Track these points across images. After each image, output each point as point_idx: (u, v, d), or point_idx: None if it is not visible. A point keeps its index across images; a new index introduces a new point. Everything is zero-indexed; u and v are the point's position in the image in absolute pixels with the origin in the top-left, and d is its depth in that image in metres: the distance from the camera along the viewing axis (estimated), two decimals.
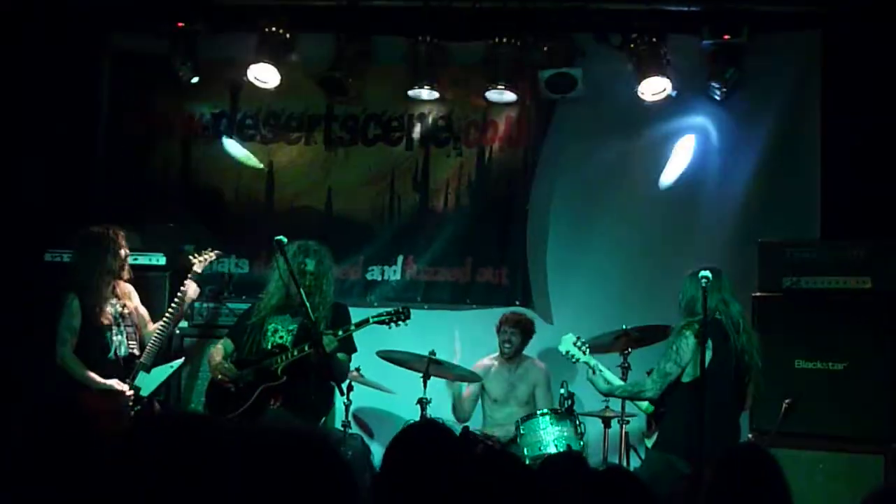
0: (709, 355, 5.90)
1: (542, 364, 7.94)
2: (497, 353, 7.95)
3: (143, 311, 6.99)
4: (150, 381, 6.77)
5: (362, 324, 6.33)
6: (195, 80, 8.52)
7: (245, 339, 6.34)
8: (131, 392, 6.67)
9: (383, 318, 6.17)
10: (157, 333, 6.88)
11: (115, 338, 6.72)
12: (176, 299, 7.00)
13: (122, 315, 6.79)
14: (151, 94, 8.84)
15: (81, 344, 6.65)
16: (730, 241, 8.05)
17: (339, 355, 6.41)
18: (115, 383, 6.61)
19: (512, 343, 7.85)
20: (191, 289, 7.03)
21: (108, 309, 6.73)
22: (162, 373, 6.87)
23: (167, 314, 6.94)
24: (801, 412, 6.81)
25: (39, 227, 7.97)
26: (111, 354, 6.70)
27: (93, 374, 6.58)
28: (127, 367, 6.73)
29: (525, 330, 7.90)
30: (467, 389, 7.95)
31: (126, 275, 6.88)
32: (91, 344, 6.67)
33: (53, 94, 8.29)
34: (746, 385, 6.17)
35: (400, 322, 6.21)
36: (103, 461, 3.12)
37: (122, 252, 6.82)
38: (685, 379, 6.02)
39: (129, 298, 6.90)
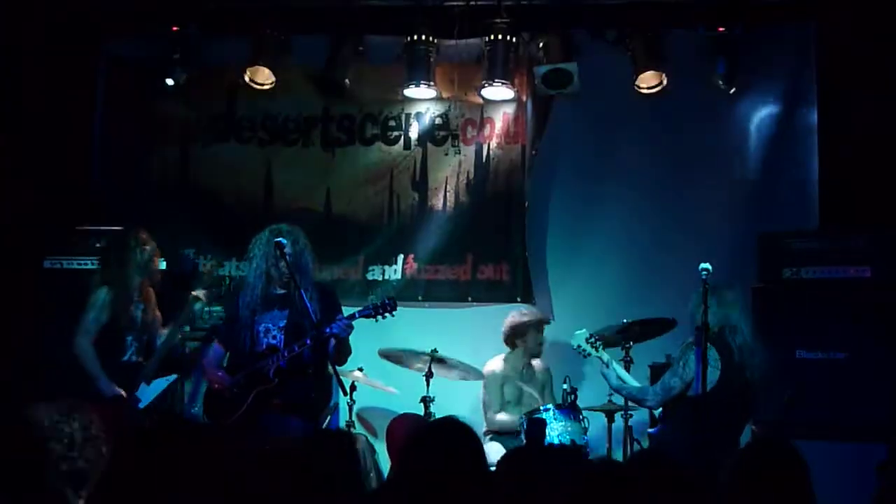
0: (716, 375, 5.89)
1: (543, 363, 7.96)
2: (505, 355, 7.95)
3: (159, 316, 6.86)
4: (148, 393, 6.62)
5: (350, 319, 6.24)
6: (191, 83, 8.51)
7: (238, 342, 6.28)
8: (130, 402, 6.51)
9: (369, 311, 6.14)
10: (163, 345, 6.73)
11: (132, 343, 6.65)
12: (184, 312, 6.81)
13: (142, 321, 6.69)
14: (148, 99, 8.82)
15: (99, 340, 6.54)
16: (729, 234, 8.05)
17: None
18: (122, 393, 6.48)
19: (542, 343, 7.88)
20: (199, 301, 6.83)
21: (133, 312, 6.65)
22: (159, 385, 6.70)
23: (172, 325, 6.79)
24: (802, 402, 6.81)
25: (38, 234, 7.97)
26: (125, 358, 6.60)
27: (102, 373, 6.45)
28: (133, 375, 6.60)
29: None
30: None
31: (156, 277, 6.80)
32: (109, 343, 6.56)
33: (50, 100, 8.28)
34: (750, 402, 6.12)
35: (386, 314, 6.17)
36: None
37: (151, 252, 6.75)
38: (690, 392, 6.01)
39: (151, 304, 6.78)
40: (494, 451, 6.89)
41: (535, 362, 7.92)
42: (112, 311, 6.58)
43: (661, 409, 6.42)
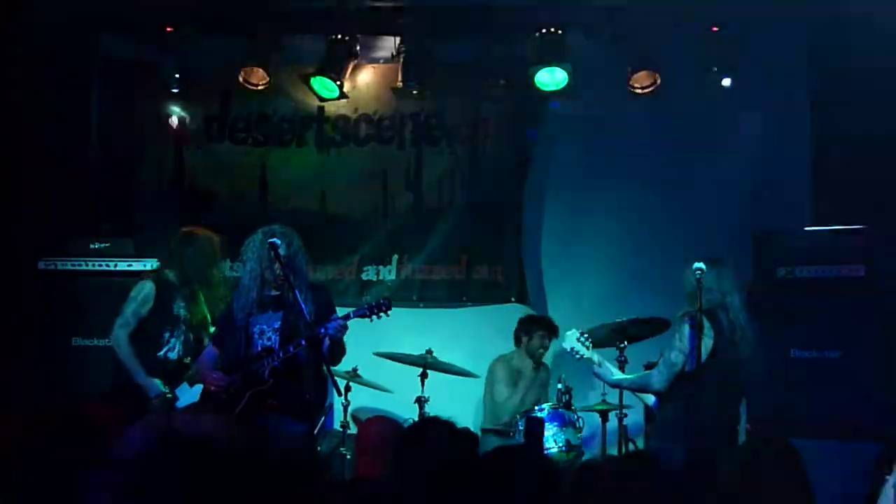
0: (710, 344, 5.88)
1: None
2: (512, 353, 7.97)
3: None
4: (190, 395, 6.56)
5: (344, 319, 6.20)
6: (185, 84, 8.50)
7: (232, 344, 6.27)
8: (167, 396, 6.48)
9: (364, 311, 6.12)
10: None
11: (171, 339, 6.63)
12: None
13: (186, 320, 6.69)
14: (142, 100, 8.84)
15: (137, 332, 6.54)
16: (723, 232, 8.05)
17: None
18: (158, 384, 6.46)
19: (543, 351, 7.89)
20: None
21: (177, 310, 6.65)
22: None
23: None
24: (797, 401, 6.82)
25: (33, 236, 7.96)
26: (161, 353, 6.57)
27: (140, 366, 6.45)
28: (172, 372, 6.58)
29: None
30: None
31: (209, 281, 6.80)
32: (146, 335, 6.55)
33: (45, 102, 8.26)
34: (742, 375, 6.15)
35: (381, 314, 6.14)
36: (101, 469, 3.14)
37: (216, 257, 6.79)
38: (686, 368, 6.00)
39: (199, 305, 6.76)
40: None
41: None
42: (153, 306, 6.58)
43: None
